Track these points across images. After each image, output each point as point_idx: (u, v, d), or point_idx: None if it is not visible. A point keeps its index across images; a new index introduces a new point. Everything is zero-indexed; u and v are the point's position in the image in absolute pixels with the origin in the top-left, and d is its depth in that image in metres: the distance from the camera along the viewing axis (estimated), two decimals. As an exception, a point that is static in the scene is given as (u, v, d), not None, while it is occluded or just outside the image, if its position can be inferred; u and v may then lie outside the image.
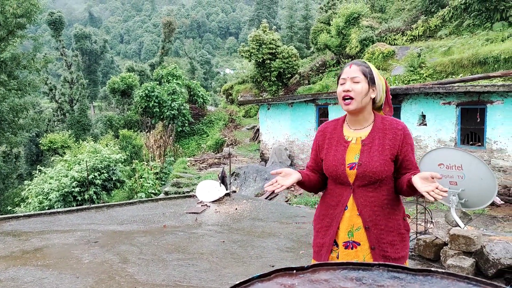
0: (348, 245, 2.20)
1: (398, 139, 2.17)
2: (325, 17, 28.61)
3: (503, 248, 4.32)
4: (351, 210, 2.18)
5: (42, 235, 6.72)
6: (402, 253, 2.20)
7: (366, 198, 2.16)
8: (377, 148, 2.16)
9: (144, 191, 13.85)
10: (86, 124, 30.66)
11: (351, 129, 2.27)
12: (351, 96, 2.16)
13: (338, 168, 2.20)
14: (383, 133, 2.19)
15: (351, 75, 2.18)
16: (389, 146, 2.16)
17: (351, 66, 2.22)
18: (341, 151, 2.23)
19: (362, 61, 2.27)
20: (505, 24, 17.10)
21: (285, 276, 1.03)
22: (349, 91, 2.16)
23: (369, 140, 2.20)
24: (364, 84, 2.17)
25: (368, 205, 2.15)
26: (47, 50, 43.78)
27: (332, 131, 2.33)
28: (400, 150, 2.17)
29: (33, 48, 23.14)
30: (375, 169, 2.13)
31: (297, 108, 14.54)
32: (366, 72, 2.19)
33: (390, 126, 2.21)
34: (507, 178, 9.09)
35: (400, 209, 2.25)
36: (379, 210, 2.16)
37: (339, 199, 2.23)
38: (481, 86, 9.44)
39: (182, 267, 5.05)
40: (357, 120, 2.25)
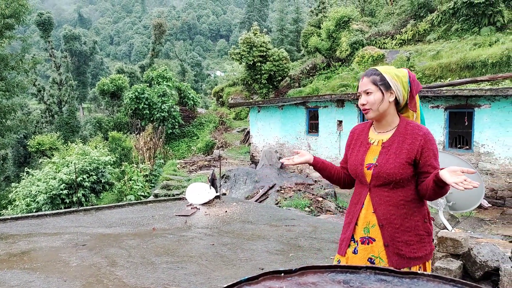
0: (364, 240, 2.33)
1: (417, 144, 2.24)
2: (316, 20, 28.75)
3: (490, 250, 4.37)
4: (367, 208, 2.33)
5: (29, 238, 6.64)
6: (419, 253, 2.27)
7: (381, 197, 2.28)
8: (395, 151, 2.27)
9: (134, 193, 13.77)
10: (75, 126, 30.40)
11: (376, 132, 2.41)
12: (366, 108, 2.30)
13: (357, 168, 2.36)
14: (403, 137, 2.28)
15: (363, 88, 2.31)
16: (407, 150, 2.24)
17: (363, 78, 2.34)
18: (362, 152, 2.39)
19: (373, 69, 2.35)
20: (492, 29, 17.34)
21: (273, 279, 1.03)
22: (364, 104, 2.30)
23: (389, 143, 2.31)
24: (376, 94, 2.28)
25: (383, 204, 2.27)
26: (35, 51, 43.39)
27: (359, 133, 2.49)
28: (420, 155, 2.24)
29: (22, 49, 22.94)
30: (389, 171, 2.23)
31: (287, 110, 14.57)
32: (377, 81, 2.29)
33: (411, 131, 2.29)
34: (494, 181, 9.20)
35: (421, 211, 2.31)
36: (394, 209, 2.26)
37: (359, 197, 2.39)
38: (469, 90, 9.55)
39: (171, 270, 5.02)
40: (381, 124, 2.38)
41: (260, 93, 24.42)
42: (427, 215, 2.34)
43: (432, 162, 2.25)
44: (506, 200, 9.02)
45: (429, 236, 2.32)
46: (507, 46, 14.90)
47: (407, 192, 2.28)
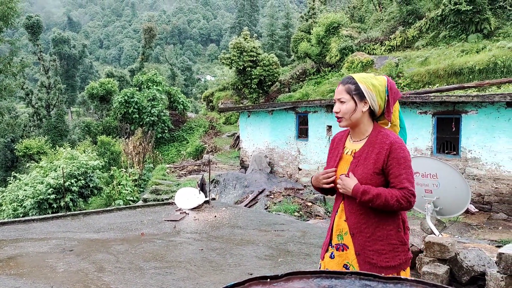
0: (339, 247, 2.35)
1: (383, 153, 2.24)
2: (306, 26, 28.93)
3: (476, 255, 4.42)
4: (340, 215, 2.36)
5: (16, 243, 6.56)
6: (392, 262, 2.23)
7: (354, 206, 2.28)
8: (363, 162, 2.28)
9: (122, 198, 13.68)
10: (63, 130, 30.14)
11: (351, 141, 2.42)
12: (338, 117, 2.34)
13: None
14: (372, 146, 2.29)
15: (337, 96, 2.34)
16: (374, 160, 2.25)
17: (338, 86, 2.35)
18: (336, 161, 2.42)
19: (350, 77, 2.36)
20: (480, 36, 17.59)
21: (259, 284, 1.03)
22: (337, 112, 2.33)
23: (359, 153, 2.33)
24: (349, 103, 2.29)
25: (354, 212, 2.28)
26: (24, 54, 43.00)
27: (338, 141, 2.51)
28: (385, 164, 2.23)
29: (10, 52, 22.79)
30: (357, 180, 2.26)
31: (277, 115, 14.61)
32: (351, 90, 2.30)
33: (380, 140, 2.28)
34: (481, 187, 9.30)
35: (394, 220, 2.28)
36: (365, 218, 2.26)
37: (335, 205, 2.44)
38: (456, 96, 9.67)
39: (160, 276, 5.00)
40: (355, 133, 2.40)
41: (250, 98, 24.47)
42: (402, 225, 2.31)
43: (394, 171, 2.22)
44: (492, 205, 9.13)
45: (404, 245, 2.29)
46: (494, 53, 15.13)
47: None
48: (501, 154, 9.05)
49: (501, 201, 9.03)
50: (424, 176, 4.87)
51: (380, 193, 2.17)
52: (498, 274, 3.93)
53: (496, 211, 9.00)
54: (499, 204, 9.04)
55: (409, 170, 2.23)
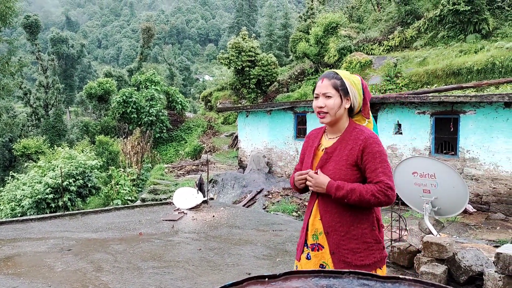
0: (314, 247, 2.32)
1: (356, 148, 2.21)
2: (304, 26, 28.93)
3: (474, 255, 4.42)
4: (315, 215, 2.32)
5: (14, 242, 6.55)
6: (367, 261, 2.20)
7: (328, 204, 2.25)
8: (335, 158, 2.25)
9: (120, 198, 13.66)
10: (61, 130, 30.10)
11: (327, 138, 2.37)
12: (323, 111, 2.25)
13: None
14: (346, 143, 2.26)
15: (323, 90, 2.26)
16: (346, 156, 2.22)
17: (323, 80, 2.28)
18: (311, 158, 2.36)
19: (334, 72, 2.31)
20: (478, 36, 17.61)
21: (257, 284, 1.03)
22: (322, 107, 2.25)
23: (332, 149, 2.29)
24: (336, 99, 2.24)
25: (328, 211, 2.25)
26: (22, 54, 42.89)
27: (313, 138, 2.45)
28: (360, 160, 2.20)
29: (8, 51, 22.73)
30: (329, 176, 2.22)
31: (275, 115, 14.62)
32: (337, 85, 2.25)
33: (354, 136, 2.25)
34: (479, 187, 9.32)
35: (369, 218, 2.25)
36: (339, 217, 2.22)
37: (309, 204, 2.40)
38: (455, 96, 9.68)
39: (158, 275, 4.99)
40: (332, 130, 2.35)
41: (248, 97, 24.46)
42: (376, 223, 2.28)
43: (370, 166, 2.19)
44: (490, 205, 9.14)
45: (378, 243, 2.26)
46: (492, 53, 15.15)
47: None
48: (499, 154, 9.07)
49: (499, 201, 9.05)
50: (423, 176, 4.88)
51: (354, 188, 2.14)
52: (496, 274, 3.93)
53: (494, 211, 9.01)
54: (497, 204, 9.06)
55: (385, 164, 2.20)
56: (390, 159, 10.91)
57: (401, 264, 5.09)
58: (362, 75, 18.89)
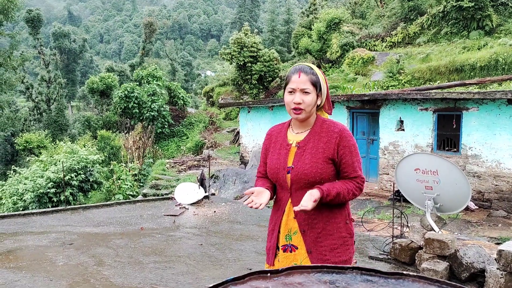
0: (287, 248, 2.23)
1: (333, 141, 2.15)
2: (307, 21, 28.84)
3: (476, 252, 4.42)
4: (288, 214, 2.21)
5: (16, 236, 6.56)
6: (344, 257, 2.18)
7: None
8: (310, 151, 2.16)
9: (122, 192, 13.67)
10: (63, 124, 30.10)
11: (293, 133, 2.27)
12: (301, 108, 2.14)
13: (279, 172, 2.21)
14: (319, 136, 2.19)
15: (301, 86, 2.14)
16: (323, 149, 2.15)
17: (300, 74, 2.16)
18: (283, 154, 2.23)
19: (308, 66, 2.22)
20: (481, 32, 17.54)
21: (259, 279, 1.03)
22: (299, 104, 2.14)
23: (304, 143, 2.20)
24: (313, 95, 2.16)
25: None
26: (24, 48, 42.88)
27: (277, 135, 2.33)
28: (336, 153, 2.15)
29: (10, 45, 22.73)
30: (307, 171, 2.12)
31: (277, 111, 14.60)
32: (315, 81, 2.17)
33: (327, 129, 2.19)
34: (481, 184, 9.30)
35: (342, 212, 2.22)
36: (316, 213, 2.14)
37: (280, 203, 2.28)
38: (458, 93, 9.65)
39: (159, 270, 5.00)
40: (301, 124, 2.25)
41: (250, 93, 24.43)
42: (348, 216, 2.25)
43: (347, 159, 2.16)
44: (492, 203, 9.13)
45: (351, 237, 2.24)
46: (495, 50, 15.09)
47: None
48: (502, 151, 9.04)
49: (501, 199, 9.03)
50: (425, 173, 4.86)
51: (339, 192, 2.11)
52: (498, 271, 3.92)
53: (496, 209, 8.99)
54: (499, 202, 9.04)
55: (358, 158, 2.22)
56: (392, 156, 10.89)
57: (402, 261, 5.08)
58: (364, 71, 18.86)
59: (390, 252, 5.33)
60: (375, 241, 6.02)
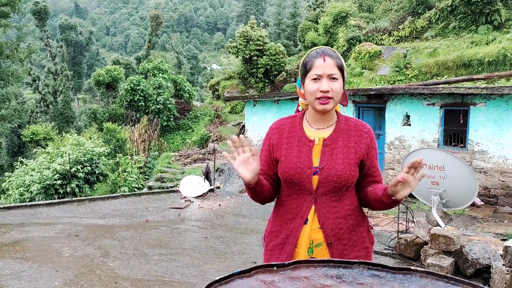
0: None
1: (363, 142, 1.92)
2: (313, 15, 28.68)
3: (482, 248, 4.40)
4: (312, 223, 1.89)
5: (22, 227, 6.61)
6: None
7: (329, 208, 1.87)
8: (341, 150, 1.89)
9: (128, 185, 13.73)
10: (69, 116, 30.23)
11: (313, 128, 1.96)
12: (329, 97, 1.83)
13: (303, 171, 1.87)
14: (347, 134, 1.93)
15: (328, 71, 1.83)
16: (354, 150, 1.90)
17: (324, 58, 1.86)
18: (306, 151, 1.91)
19: (333, 50, 1.94)
20: (490, 27, 17.37)
21: (265, 272, 1.02)
22: (328, 92, 1.82)
23: (332, 140, 1.91)
24: (341, 82, 1.86)
25: (331, 216, 1.87)
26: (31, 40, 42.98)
27: (289, 129, 1.99)
28: (366, 155, 1.93)
29: (17, 37, 22.73)
30: (340, 173, 1.85)
31: (283, 105, 14.56)
32: (341, 65, 1.88)
33: (355, 127, 1.95)
34: (488, 180, 9.25)
35: (365, 220, 2.00)
36: (343, 222, 1.89)
37: (297, 211, 1.92)
38: (465, 88, 9.57)
39: (164, 262, 5.02)
40: (322, 118, 1.94)
41: (256, 87, 24.37)
42: (368, 223, 2.04)
43: (376, 163, 1.97)
44: (498, 199, 9.08)
45: (372, 245, 2.04)
46: (503, 45, 14.94)
47: (352, 199, 1.93)
48: (509, 147, 8.98)
49: (508, 195, 8.98)
50: (431, 168, 4.83)
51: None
52: (504, 267, 3.91)
53: (502, 205, 8.95)
54: (505, 198, 8.99)
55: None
56: (398, 151, 10.85)
57: (407, 256, 5.07)
58: (371, 66, 18.76)
59: (395, 247, 5.32)
60: (380, 236, 6.02)
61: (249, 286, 0.96)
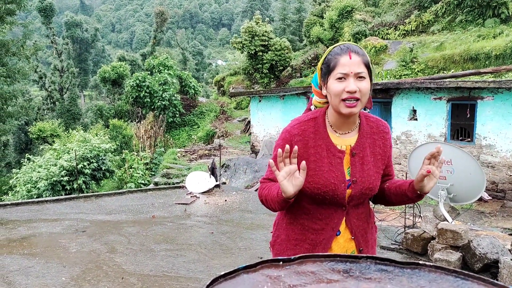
0: None
1: (387, 145, 1.84)
2: (319, 10, 28.55)
3: (489, 243, 4.36)
4: (344, 234, 1.81)
5: (30, 223, 6.65)
6: None
7: (358, 216, 1.82)
8: (370, 160, 1.78)
9: (134, 181, 13.78)
10: (76, 113, 30.38)
11: (337, 134, 1.78)
12: (357, 98, 1.64)
13: (337, 187, 1.72)
14: (371, 138, 1.81)
15: (355, 69, 1.64)
16: (381, 156, 1.81)
17: (350, 55, 1.66)
18: (337, 164, 1.74)
19: (358, 46, 1.73)
20: (497, 20, 17.20)
21: (271, 267, 1.01)
22: (355, 92, 1.63)
23: (359, 149, 1.77)
24: (368, 81, 1.68)
25: (360, 226, 1.83)
26: (37, 37, 43.16)
27: (314, 136, 1.77)
28: (387, 157, 1.86)
29: (23, 35, 22.81)
30: (372, 185, 1.76)
31: (288, 100, 14.53)
32: (368, 63, 1.70)
33: (377, 129, 1.83)
34: (495, 174, 9.18)
35: (371, 212, 1.94)
36: (367, 226, 1.86)
37: (327, 222, 1.78)
38: (472, 82, 9.49)
39: (170, 258, 5.03)
40: (347, 122, 1.76)
41: (261, 82, 24.34)
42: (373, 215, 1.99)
43: (391, 161, 1.91)
44: (506, 193, 9.01)
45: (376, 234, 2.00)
46: (511, 38, 14.79)
47: (368, 201, 1.89)
48: (517, 141, 8.91)
49: (515, 189, 8.91)
50: (438, 162, 4.79)
51: None
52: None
53: (509, 199, 8.88)
54: (513, 192, 8.92)
55: None
56: (404, 145, 10.79)
57: (414, 251, 5.05)
58: (377, 60, 18.64)
59: (402, 242, 5.29)
60: (387, 231, 5.99)
61: (254, 281, 0.95)
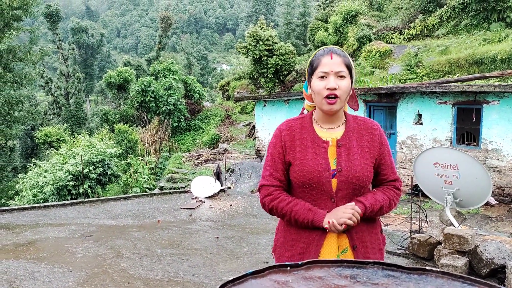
0: None
1: (376, 140, 1.90)
2: (323, 14, 28.60)
3: (496, 248, 4.34)
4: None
5: (36, 228, 6.69)
6: None
7: None
8: (356, 151, 1.85)
9: (139, 186, 13.81)
10: (81, 118, 30.52)
11: (323, 129, 1.90)
12: (336, 95, 1.79)
13: (322, 174, 1.80)
14: (359, 133, 1.89)
15: (336, 69, 1.79)
16: (368, 149, 1.87)
17: (332, 56, 1.82)
18: (321, 153, 1.84)
19: (340, 49, 1.89)
20: (502, 24, 17.15)
21: (279, 272, 1.02)
22: (335, 89, 1.78)
23: (345, 141, 1.86)
24: (348, 80, 1.82)
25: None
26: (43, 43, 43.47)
27: (300, 130, 1.91)
28: (378, 153, 1.90)
29: (29, 40, 23.00)
30: (358, 174, 1.81)
31: (293, 105, 14.54)
32: (349, 64, 1.84)
33: (365, 126, 1.92)
34: (502, 178, 9.13)
35: (378, 221, 1.98)
36: (364, 224, 1.85)
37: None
38: (478, 86, 9.46)
39: (176, 262, 5.04)
40: (331, 118, 1.89)
41: (266, 87, 24.37)
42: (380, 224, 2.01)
43: (387, 160, 1.93)
44: (513, 198, 8.96)
45: (384, 247, 1.99)
46: (516, 42, 14.74)
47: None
48: (523, 145, 8.86)
49: (522, 194, 8.85)
50: (444, 167, 4.79)
51: (382, 206, 1.87)
52: (519, 267, 3.85)
53: (516, 204, 8.82)
54: (519, 197, 8.87)
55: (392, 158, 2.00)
56: (410, 150, 10.76)
57: (420, 256, 5.03)
58: (381, 65, 18.64)
59: (408, 247, 5.27)
60: (393, 236, 5.97)
61: (262, 287, 0.95)
